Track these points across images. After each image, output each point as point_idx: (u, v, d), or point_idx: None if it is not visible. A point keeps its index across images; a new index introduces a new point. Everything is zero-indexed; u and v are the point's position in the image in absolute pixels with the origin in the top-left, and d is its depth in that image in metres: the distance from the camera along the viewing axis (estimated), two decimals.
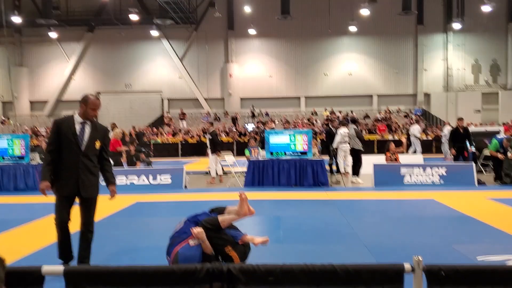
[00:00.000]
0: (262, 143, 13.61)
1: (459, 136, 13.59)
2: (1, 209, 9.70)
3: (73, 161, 4.84)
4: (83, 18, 36.11)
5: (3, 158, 12.42)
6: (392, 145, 13.93)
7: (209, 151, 13.93)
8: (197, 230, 4.45)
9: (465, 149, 13.56)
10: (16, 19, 32.10)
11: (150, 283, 2.37)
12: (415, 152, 20.15)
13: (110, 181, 5.13)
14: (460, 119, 14.05)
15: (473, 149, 14.76)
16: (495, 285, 2.36)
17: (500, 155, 12.41)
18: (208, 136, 14.17)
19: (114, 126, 14.79)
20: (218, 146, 13.94)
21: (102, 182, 5.10)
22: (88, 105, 4.91)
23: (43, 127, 32.57)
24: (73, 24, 36.05)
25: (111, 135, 13.73)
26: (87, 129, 4.93)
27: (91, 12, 36.40)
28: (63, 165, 4.84)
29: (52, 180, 4.85)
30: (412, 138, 20.84)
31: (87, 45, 37.28)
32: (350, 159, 13.53)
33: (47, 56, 37.55)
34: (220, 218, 4.61)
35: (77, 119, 4.93)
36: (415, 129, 21.13)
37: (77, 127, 4.88)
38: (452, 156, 13.64)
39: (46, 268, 2.37)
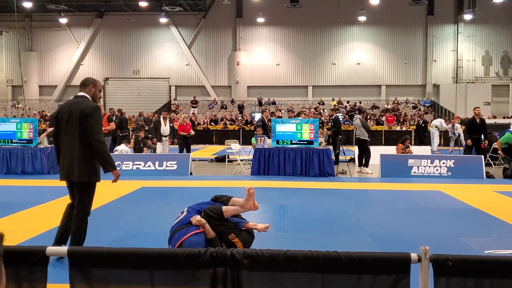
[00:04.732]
0: (265, 131, 13.61)
1: (476, 127, 13.27)
2: (9, 192, 9.77)
3: None
4: (93, 3, 36.10)
5: (11, 142, 12.49)
6: (408, 141, 13.78)
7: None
8: (197, 218, 4.43)
9: (480, 141, 13.28)
10: (27, 4, 32.16)
11: (154, 266, 2.37)
12: (440, 145, 20.22)
13: None
14: (476, 108, 13.64)
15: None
16: (504, 278, 2.32)
17: (500, 152, 12.25)
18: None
19: (120, 111, 14.79)
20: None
21: None
22: (97, 87, 4.86)
23: (52, 112, 32.75)
24: (83, 9, 36.10)
25: (178, 122, 14.20)
26: None
27: None
28: None
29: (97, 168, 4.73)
30: (432, 130, 20.69)
31: (96, 31, 37.30)
32: None
33: (57, 41, 37.67)
34: (224, 208, 4.59)
35: None
36: (438, 121, 21.12)
37: None
38: (464, 147, 13.38)
39: (50, 249, 2.37)
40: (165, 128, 13.76)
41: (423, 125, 20.82)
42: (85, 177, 4.64)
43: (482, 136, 13.44)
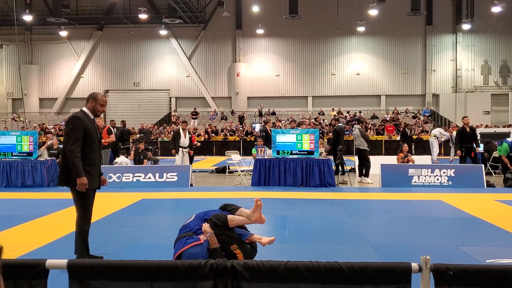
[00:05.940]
0: (268, 141, 13.59)
1: (466, 136, 13.31)
2: (9, 205, 9.75)
3: (96, 156, 5.10)
4: (93, 16, 36.35)
5: (12, 154, 12.49)
6: (405, 147, 13.80)
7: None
8: (206, 225, 4.44)
9: (472, 150, 13.32)
10: (27, 18, 32.38)
11: (154, 278, 2.36)
12: (440, 154, 20.15)
13: (101, 172, 5.42)
14: (465, 118, 13.64)
15: (480, 149, 14.55)
16: (506, 287, 2.32)
17: (510, 166, 12.25)
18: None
19: (123, 123, 14.81)
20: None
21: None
22: (98, 101, 5.08)
23: (52, 124, 32.80)
24: (83, 22, 36.32)
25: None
26: (95, 125, 5.23)
27: (101, 10, 36.63)
28: (89, 160, 4.97)
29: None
30: (431, 139, 20.64)
31: (96, 44, 37.49)
32: None
33: (57, 54, 37.84)
34: (230, 216, 4.57)
35: (90, 115, 5.09)
36: (437, 131, 21.10)
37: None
38: (458, 157, 13.42)
39: (50, 262, 2.37)
40: (185, 140, 13.71)
41: (410, 134, 20.62)
42: (66, 181, 4.96)
43: (474, 145, 13.46)
